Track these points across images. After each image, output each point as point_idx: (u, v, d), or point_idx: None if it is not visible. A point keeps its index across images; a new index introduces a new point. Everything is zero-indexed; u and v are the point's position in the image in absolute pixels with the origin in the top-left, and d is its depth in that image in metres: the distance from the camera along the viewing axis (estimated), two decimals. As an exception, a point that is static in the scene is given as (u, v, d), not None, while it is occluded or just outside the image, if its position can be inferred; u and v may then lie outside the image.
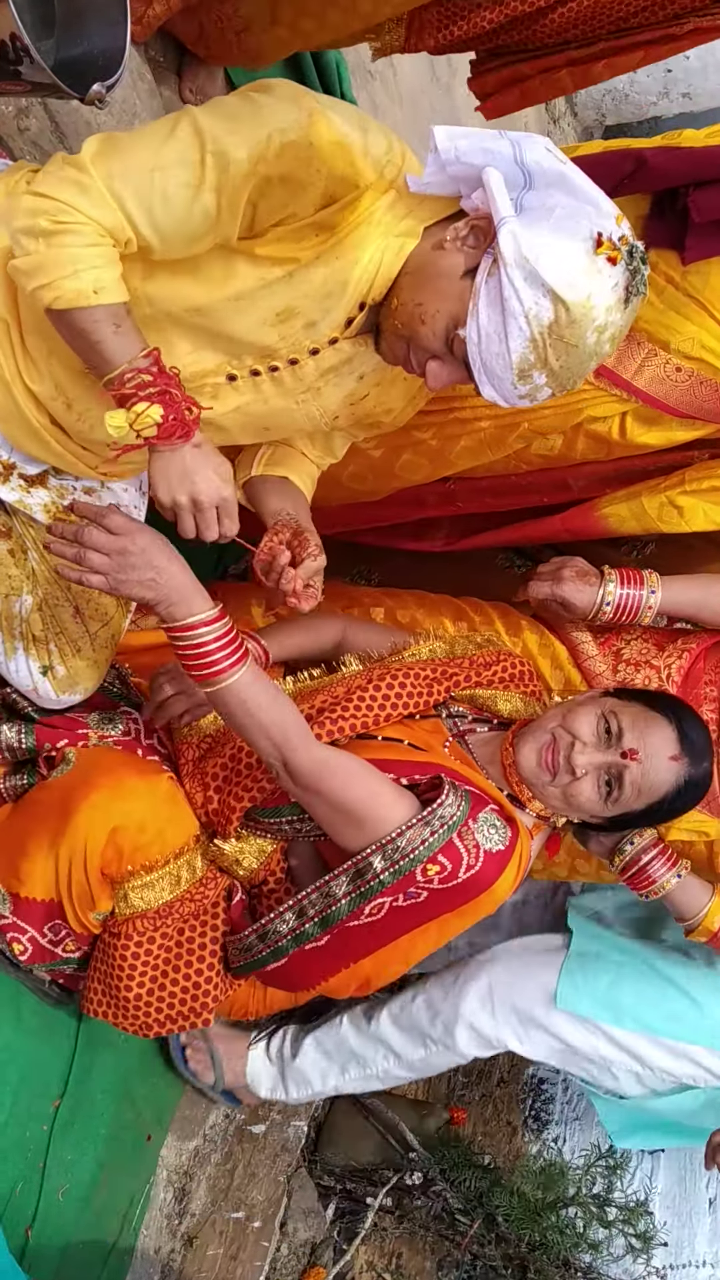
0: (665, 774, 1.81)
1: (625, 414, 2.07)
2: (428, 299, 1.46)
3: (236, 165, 1.36)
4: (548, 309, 1.39)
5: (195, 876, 1.81)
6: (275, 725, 1.59)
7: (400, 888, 1.64)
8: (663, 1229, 2.75)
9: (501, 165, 1.40)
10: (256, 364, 1.56)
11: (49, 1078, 2.03)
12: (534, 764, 1.83)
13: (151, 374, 1.42)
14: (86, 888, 1.71)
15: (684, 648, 2.14)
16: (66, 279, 1.38)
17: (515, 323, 1.39)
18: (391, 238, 1.48)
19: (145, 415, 1.42)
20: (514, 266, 1.37)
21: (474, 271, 1.43)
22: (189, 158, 1.37)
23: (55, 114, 2.23)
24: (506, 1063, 3.11)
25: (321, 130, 1.37)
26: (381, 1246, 2.71)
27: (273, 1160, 2.61)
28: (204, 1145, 2.58)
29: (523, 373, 1.43)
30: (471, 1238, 2.58)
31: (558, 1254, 2.54)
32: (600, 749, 1.81)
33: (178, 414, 1.43)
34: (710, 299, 1.91)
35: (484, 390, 1.48)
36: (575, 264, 1.38)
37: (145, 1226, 2.36)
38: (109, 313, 1.40)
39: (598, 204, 1.41)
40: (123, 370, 1.41)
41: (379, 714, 1.86)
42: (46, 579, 1.77)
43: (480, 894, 1.66)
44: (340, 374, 1.61)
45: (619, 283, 1.42)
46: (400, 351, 1.53)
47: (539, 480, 2.27)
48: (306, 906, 1.70)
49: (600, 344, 1.45)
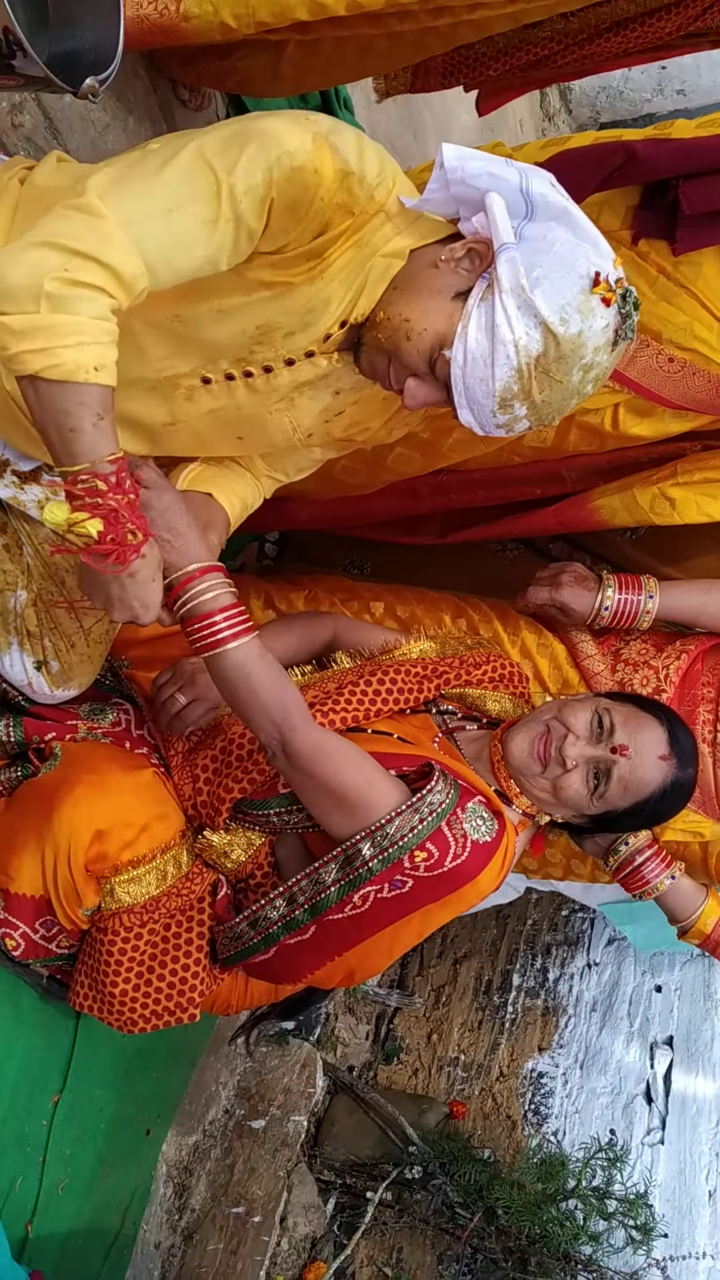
0: (653, 772, 1.82)
1: (618, 405, 2.07)
2: (415, 316, 1.45)
3: (252, 192, 1.33)
4: (538, 341, 1.39)
5: (181, 871, 1.81)
6: (277, 703, 1.57)
7: (388, 875, 1.64)
8: (662, 1221, 2.76)
9: (505, 192, 1.40)
10: (230, 368, 1.55)
11: (48, 1073, 2.04)
12: (525, 753, 1.84)
13: (108, 483, 1.31)
14: (72, 884, 1.71)
15: (682, 649, 2.15)
16: (69, 348, 1.26)
17: (504, 350, 1.39)
18: (378, 258, 1.47)
19: (83, 525, 1.31)
20: (509, 294, 1.37)
21: (466, 294, 1.43)
22: (203, 192, 1.32)
23: (49, 110, 2.23)
24: (507, 1056, 3.12)
25: (326, 159, 1.36)
26: (382, 1241, 2.72)
27: (273, 1155, 2.62)
28: (204, 1140, 2.59)
29: (504, 402, 1.43)
30: (472, 1231, 2.59)
31: (558, 1246, 2.55)
32: (591, 743, 1.82)
33: (118, 536, 1.33)
34: (702, 289, 1.91)
35: (461, 415, 1.47)
36: (571, 300, 1.38)
37: (145, 1221, 2.37)
38: (99, 397, 1.29)
39: (597, 244, 1.41)
40: (80, 469, 1.30)
41: (369, 709, 1.87)
42: (41, 574, 1.78)
43: (464, 884, 1.66)
44: (316, 388, 1.60)
45: (610, 324, 1.42)
46: (380, 366, 1.51)
47: (532, 472, 2.27)
48: (296, 893, 1.71)
49: (584, 383, 1.45)
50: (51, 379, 1.26)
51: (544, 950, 3.34)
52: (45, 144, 2.20)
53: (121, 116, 2.47)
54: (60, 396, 1.28)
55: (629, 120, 5.72)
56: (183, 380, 1.56)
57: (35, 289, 1.25)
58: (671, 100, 5.56)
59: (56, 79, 1.57)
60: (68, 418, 1.28)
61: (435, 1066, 3.11)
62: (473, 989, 3.28)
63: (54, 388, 1.27)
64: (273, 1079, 2.77)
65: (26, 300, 1.25)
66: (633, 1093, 3.08)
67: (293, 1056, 2.81)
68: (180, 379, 1.56)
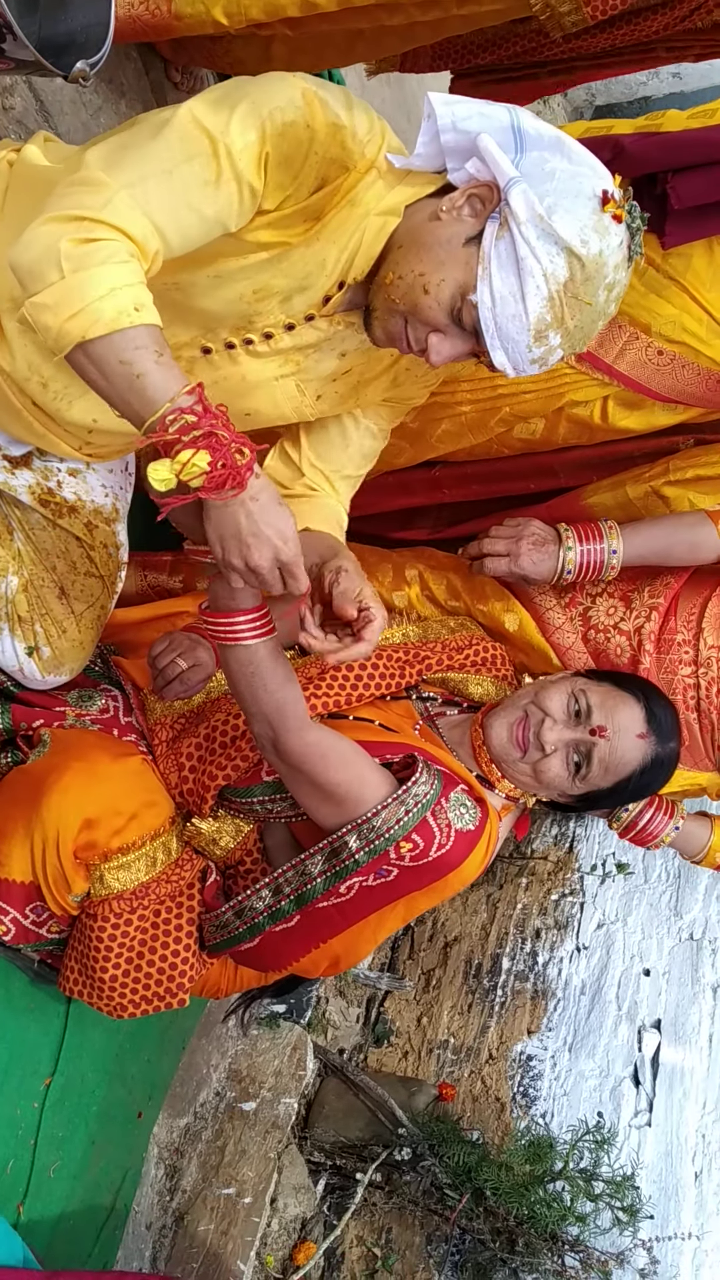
0: (632, 751, 1.83)
1: (607, 398, 2.07)
2: (430, 269, 1.42)
3: (249, 149, 1.32)
4: (563, 267, 1.37)
5: (171, 858, 1.82)
6: (275, 705, 1.57)
7: (374, 867, 1.65)
8: (649, 1202, 2.78)
9: (495, 131, 1.39)
10: (230, 336, 1.54)
11: (40, 1056, 2.05)
12: (505, 739, 1.85)
13: (197, 413, 1.25)
14: (61, 871, 1.71)
15: (651, 604, 2.09)
16: (103, 300, 1.22)
17: (533, 281, 1.37)
18: (372, 217, 1.46)
19: (191, 464, 1.25)
20: (528, 224, 1.36)
21: (476, 239, 1.41)
22: (200, 151, 1.31)
23: (40, 92, 2.21)
24: (496, 1039, 3.14)
25: (317, 112, 1.36)
26: (371, 1221, 2.74)
27: (263, 1137, 2.63)
28: (195, 1122, 2.60)
29: (539, 333, 1.41)
30: (460, 1212, 2.61)
31: (545, 1227, 2.57)
32: (569, 726, 1.83)
33: (227, 459, 1.26)
34: (692, 282, 1.91)
35: (495, 357, 1.44)
36: (587, 221, 1.37)
37: (137, 1203, 2.38)
38: (151, 336, 1.25)
39: (594, 166, 1.41)
40: (165, 411, 1.24)
41: (351, 694, 1.88)
42: (32, 560, 1.78)
43: (449, 873, 1.67)
44: (321, 350, 1.59)
45: (623, 240, 1.42)
46: (396, 329, 1.48)
47: (524, 466, 2.27)
48: (283, 884, 1.72)
49: (608, 302, 1.44)
50: (97, 336, 1.23)
51: (534, 934, 3.35)
52: (36, 126, 2.19)
53: (113, 99, 2.45)
54: (113, 350, 1.24)
55: (624, 104, 5.69)
56: (183, 351, 1.55)
57: (53, 256, 1.23)
58: (667, 83, 5.52)
59: (47, 63, 1.56)
60: (129, 367, 1.24)
61: (425, 1049, 3.13)
62: (463, 972, 3.29)
63: (103, 344, 1.23)
64: (263, 1061, 2.78)
65: (49, 270, 1.23)
66: (620, 1075, 3.11)
67: (283, 1039, 2.83)
68: (180, 349, 1.55)
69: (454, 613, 2.21)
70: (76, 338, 1.23)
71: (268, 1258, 2.52)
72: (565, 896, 3.45)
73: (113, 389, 1.27)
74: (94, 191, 1.28)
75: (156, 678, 1.85)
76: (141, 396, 1.25)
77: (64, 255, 1.23)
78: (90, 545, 1.82)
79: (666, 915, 3.42)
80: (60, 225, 1.25)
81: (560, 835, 3.53)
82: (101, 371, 1.26)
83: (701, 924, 3.41)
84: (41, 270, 1.24)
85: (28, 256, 1.25)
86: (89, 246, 1.24)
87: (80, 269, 1.23)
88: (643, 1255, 2.67)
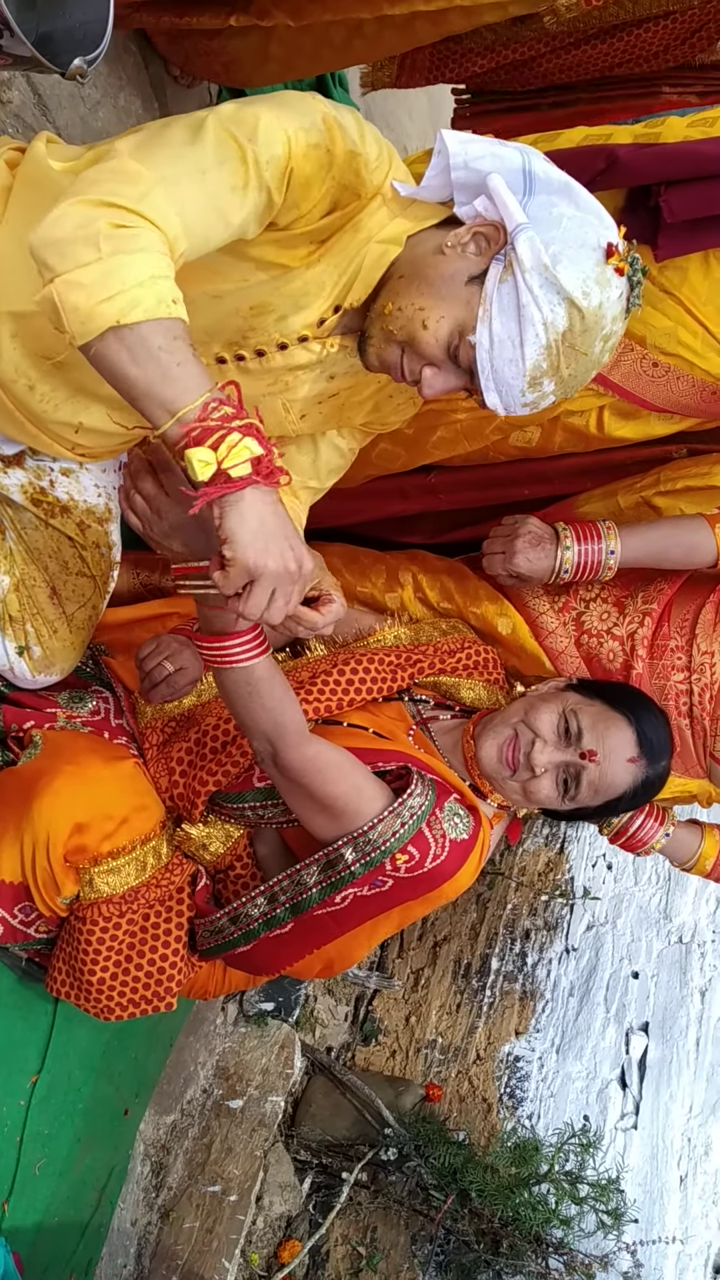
0: (622, 775, 1.83)
1: (603, 408, 2.07)
2: (430, 304, 1.42)
3: (275, 161, 1.32)
4: (563, 316, 1.38)
5: (161, 862, 1.82)
6: (273, 722, 1.56)
7: (370, 878, 1.65)
8: (633, 1206, 2.79)
9: (506, 172, 1.39)
10: (223, 351, 1.54)
11: (26, 1053, 2.04)
12: (494, 759, 1.85)
13: (233, 404, 1.22)
14: (50, 874, 1.71)
15: (645, 610, 2.09)
16: (143, 286, 1.18)
17: (532, 329, 1.38)
18: (373, 243, 1.46)
19: (240, 449, 1.19)
20: (533, 272, 1.36)
21: (479, 278, 1.41)
22: (231, 156, 1.30)
23: (38, 87, 2.20)
24: (484, 1040, 3.14)
25: (337, 138, 1.36)
26: (356, 1221, 2.74)
27: (249, 1135, 2.64)
28: (181, 1120, 2.61)
29: (534, 380, 1.42)
30: (445, 1213, 2.61)
31: (530, 1230, 2.57)
32: (560, 748, 1.82)
33: (266, 449, 1.23)
34: (687, 295, 1.90)
35: (488, 398, 1.45)
36: (590, 273, 1.38)
37: (122, 1200, 2.38)
38: (186, 329, 1.22)
39: (600, 215, 1.42)
40: (204, 399, 1.21)
41: (343, 698, 1.88)
42: (24, 559, 1.77)
43: (444, 883, 1.68)
44: (312, 372, 1.59)
45: (623, 293, 1.43)
46: (392, 358, 1.49)
47: (519, 472, 2.27)
48: (278, 893, 1.72)
49: (603, 353, 1.46)
50: (135, 320, 1.18)
51: (523, 935, 3.35)
52: (34, 121, 2.18)
53: (112, 94, 2.44)
54: (152, 336, 1.20)
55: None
56: None
57: (90, 235, 1.19)
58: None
59: (44, 59, 1.55)
60: (169, 354, 1.20)
61: (413, 1049, 3.13)
62: (452, 972, 3.29)
63: (142, 330, 1.19)
64: (251, 1059, 2.79)
65: (84, 249, 1.19)
66: (608, 1078, 3.11)
67: (271, 1037, 2.83)
68: None
69: (447, 615, 2.21)
70: (111, 321, 1.18)
71: (253, 1255, 2.52)
72: (555, 898, 3.46)
73: (143, 375, 1.21)
74: (131, 182, 1.25)
75: (143, 680, 1.84)
76: (178, 385, 1.21)
77: (102, 236, 1.19)
78: (82, 545, 1.82)
79: (656, 918, 3.43)
80: (94, 208, 1.22)
81: (551, 836, 3.54)
82: (134, 356, 1.20)
83: (691, 927, 3.42)
84: (75, 249, 1.19)
85: (57, 233, 1.20)
86: (128, 232, 1.21)
87: (120, 252, 1.19)
88: (627, 1259, 2.67)
